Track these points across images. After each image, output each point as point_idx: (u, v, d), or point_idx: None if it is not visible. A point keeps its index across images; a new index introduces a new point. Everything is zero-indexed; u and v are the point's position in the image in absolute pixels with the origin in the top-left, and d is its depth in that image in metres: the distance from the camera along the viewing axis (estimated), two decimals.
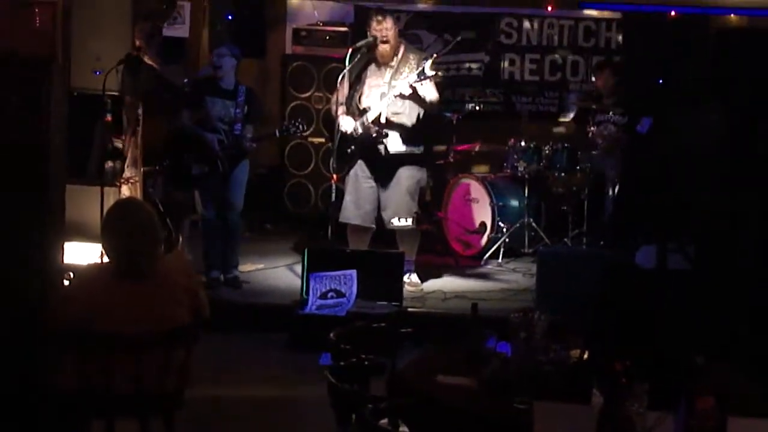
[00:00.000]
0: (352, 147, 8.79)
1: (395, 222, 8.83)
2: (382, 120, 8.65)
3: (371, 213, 8.95)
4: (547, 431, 3.73)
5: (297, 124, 9.17)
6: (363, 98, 8.78)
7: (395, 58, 8.72)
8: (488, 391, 4.24)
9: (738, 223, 7.54)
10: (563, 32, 11.99)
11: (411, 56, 8.77)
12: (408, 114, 8.73)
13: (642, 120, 10.06)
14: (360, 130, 8.70)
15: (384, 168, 8.82)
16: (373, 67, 8.81)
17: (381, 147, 8.70)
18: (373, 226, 9.01)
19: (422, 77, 8.39)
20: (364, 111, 8.70)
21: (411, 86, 8.43)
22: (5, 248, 6.35)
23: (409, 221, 8.85)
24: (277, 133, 9.31)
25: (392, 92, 8.54)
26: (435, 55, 8.64)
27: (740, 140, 8.15)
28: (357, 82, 8.83)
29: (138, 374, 4.57)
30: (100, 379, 4.56)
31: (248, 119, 8.95)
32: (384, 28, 8.65)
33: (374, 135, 8.66)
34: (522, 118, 11.35)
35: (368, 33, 8.74)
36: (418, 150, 8.88)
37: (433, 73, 8.38)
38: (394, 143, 8.73)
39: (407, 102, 8.66)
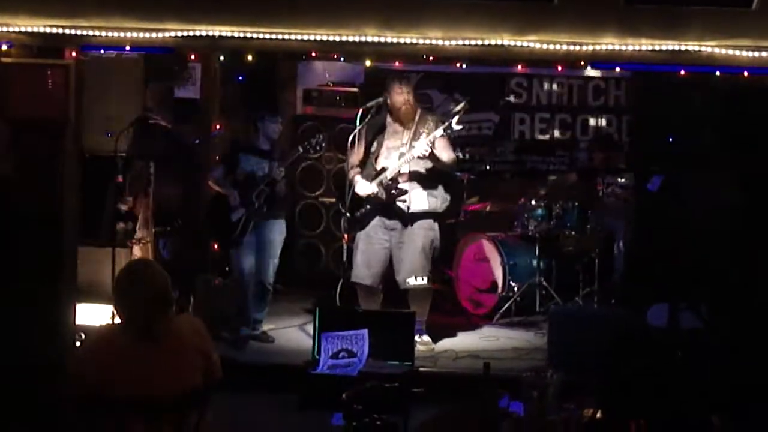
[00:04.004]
0: (368, 206, 8.82)
1: (411, 281, 8.83)
2: (402, 178, 8.71)
3: (381, 273, 8.97)
4: None
5: (316, 137, 9.24)
6: (380, 159, 8.85)
7: (414, 120, 8.81)
8: None
9: (751, 280, 7.52)
10: (572, 91, 12.02)
11: (428, 117, 8.91)
12: (429, 173, 8.79)
13: (652, 178, 10.07)
14: (377, 190, 8.75)
15: (400, 225, 8.84)
16: (390, 129, 8.90)
17: (403, 205, 8.75)
18: (381, 286, 9.03)
19: (448, 131, 8.45)
20: (382, 171, 8.77)
21: (431, 143, 8.49)
22: (18, 309, 6.36)
23: (425, 280, 8.86)
24: (301, 149, 9.31)
25: (413, 152, 8.61)
26: (460, 110, 8.70)
27: (752, 199, 8.15)
28: (372, 144, 8.89)
29: None
30: None
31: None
32: (405, 93, 8.78)
33: (394, 192, 8.71)
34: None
35: (387, 98, 8.82)
36: (440, 208, 8.93)
37: (460, 127, 8.45)
38: (417, 201, 8.78)
39: (428, 161, 8.72)
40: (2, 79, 7.93)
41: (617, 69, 10.73)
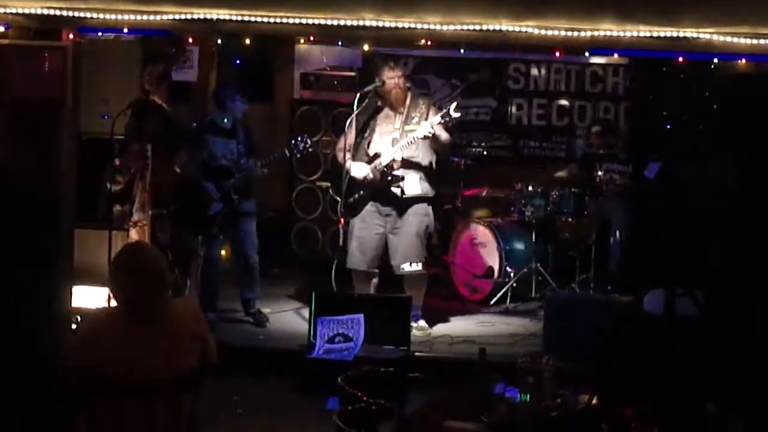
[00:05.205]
0: (362, 192, 8.82)
1: (406, 267, 8.83)
2: (397, 165, 8.71)
3: (376, 259, 8.97)
4: None
5: (303, 140, 9.20)
6: (373, 144, 8.83)
7: (405, 104, 8.80)
8: None
9: (749, 267, 7.51)
10: (570, 77, 11.99)
11: (420, 101, 8.89)
12: (422, 158, 8.80)
13: (650, 165, 10.06)
14: (372, 176, 8.74)
15: (395, 212, 8.84)
16: (382, 114, 8.88)
17: (397, 190, 8.74)
18: (377, 271, 9.03)
19: (446, 118, 8.44)
20: (375, 156, 8.76)
21: (432, 127, 8.49)
22: (14, 292, 6.35)
23: (420, 266, 8.86)
24: (287, 153, 9.28)
25: (409, 136, 8.61)
26: (458, 97, 8.70)
27: (749, 186, 8.14)
28: (365, 129, 8.89)
29: (149, 421, 4.55)
30: (111, 427, 4.54)
31: (250, 153, 9.15)
32: (396, 75, 8.78)
33: (389, 179, 8.71)
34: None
35: (378, 79, 8.80)
36: (432, 192, 8.92)
37: (458, 115, 8.43)
38: (411, 186, 8.77)
39: (421, 146, 8.72)
40: None
41: (615, 55, 10.72)
